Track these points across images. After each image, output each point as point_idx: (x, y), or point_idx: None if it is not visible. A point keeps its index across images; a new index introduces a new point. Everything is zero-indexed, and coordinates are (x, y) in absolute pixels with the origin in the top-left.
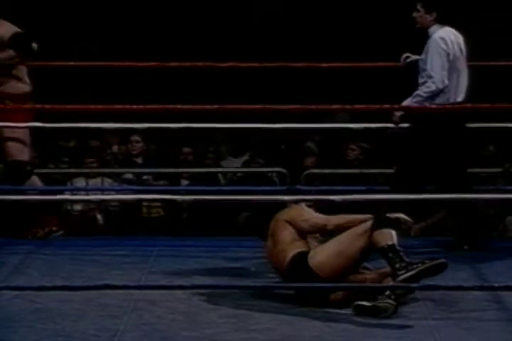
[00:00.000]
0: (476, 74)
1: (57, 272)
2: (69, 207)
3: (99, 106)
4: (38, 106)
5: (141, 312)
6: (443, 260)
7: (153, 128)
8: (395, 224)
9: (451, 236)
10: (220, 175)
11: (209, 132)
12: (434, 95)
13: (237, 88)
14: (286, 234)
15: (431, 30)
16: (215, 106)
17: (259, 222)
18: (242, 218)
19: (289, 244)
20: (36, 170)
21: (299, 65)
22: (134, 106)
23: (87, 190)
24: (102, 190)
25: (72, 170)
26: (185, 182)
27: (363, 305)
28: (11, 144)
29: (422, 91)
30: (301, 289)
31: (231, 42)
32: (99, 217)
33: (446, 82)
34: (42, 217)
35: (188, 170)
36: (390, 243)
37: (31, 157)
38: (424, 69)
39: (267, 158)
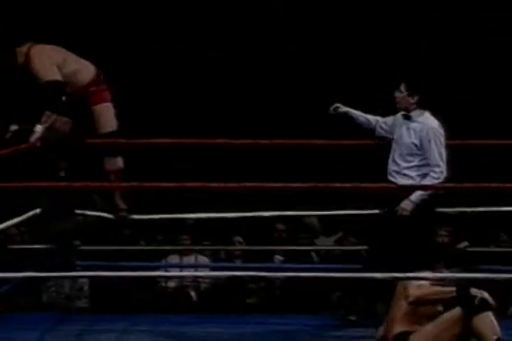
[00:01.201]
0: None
1: None
2: (163, 284)
3: (195, 184)
4: (133, 184)
5: None
6: None
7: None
8: (485, 306)
9: None
10: (313, 254)
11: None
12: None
13: (324, 164)
14: (401, 304)
15: (414, 113)
16: (310, 185)
17: (352, 301)
18: (335, 297)
19: (400, 317)
20: (130, 248)
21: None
22: (230, 185)
23: (181, 267)
24: (196, 267)
25: (167, 247)
26: (277, 259)
27: None
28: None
29: (431, 182)
30: None
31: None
32: (192, 293)
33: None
34: None
35: (281, 247)
36: (494, 338)
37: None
38: (415, 155)
39: (360, 236)
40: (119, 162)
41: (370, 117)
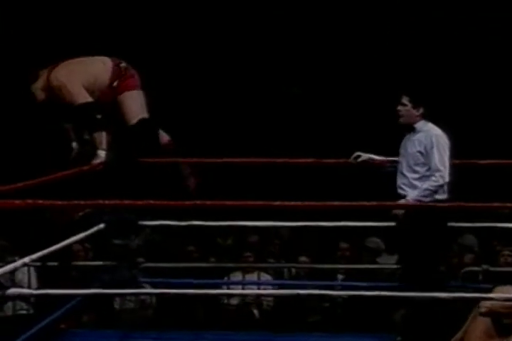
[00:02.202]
0: None
1: None
2: (225, 301)
3: (257, 203)
4: (196, 202)
5: None
6: None
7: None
8: None
9: None
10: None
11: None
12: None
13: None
14: (479, 323)
15: (418, 125)
16: (374, 204)
17: (415, 320)
18: (399, 316)
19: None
20: (193, 264)
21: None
22: (293, 203)
23: (243, 284)
24: (258, 284)
25: (229, 265)
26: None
27: None
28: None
29: (429, 185)
30: None
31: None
32: (255, 311)
33: (448, 176)
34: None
35: (344, 266)
36: None
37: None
38: (422, 164)
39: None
40: (164, 136)
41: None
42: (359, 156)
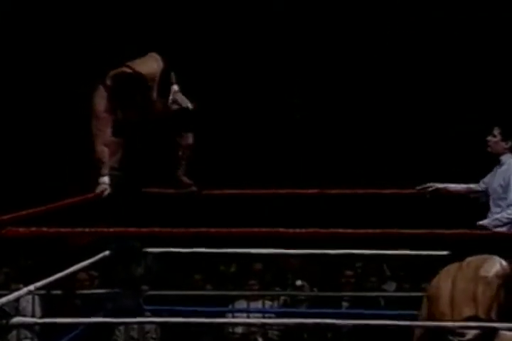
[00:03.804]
0: None
1: None
2: (230, 330)
3: (264, 230)
4: (201, 229)
5: None
6: None
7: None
8: None
9: None
10: (381, 299)
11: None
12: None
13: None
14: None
15: (503, 157)
16: (379, 231)
17: None
18: None
19: None
20: (197, 292)
21: None
22: (297, 230)
23: (248, 312)
24: (263, 312)
25: (234, 293)
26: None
27: None
28: None
29: (502, 216)
30: None
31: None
32: (260, 339)
33: None
34: None
35: (348, 293)
36: None
37: None
38: (503, 198)
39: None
40: (190, 138)
41: (472, 185)
42: (431, 188)
